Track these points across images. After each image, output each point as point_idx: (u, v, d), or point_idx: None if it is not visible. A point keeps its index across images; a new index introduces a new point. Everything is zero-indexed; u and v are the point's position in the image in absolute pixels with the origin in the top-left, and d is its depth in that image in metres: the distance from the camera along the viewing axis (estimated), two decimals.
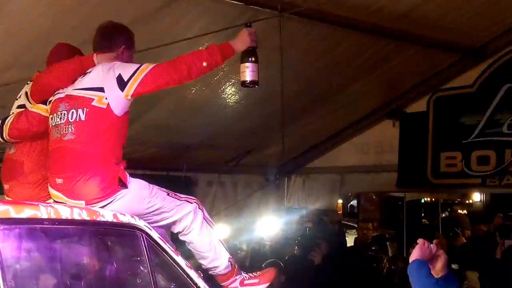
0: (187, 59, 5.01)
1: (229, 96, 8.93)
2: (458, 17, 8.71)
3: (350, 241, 12.62)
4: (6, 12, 6.47)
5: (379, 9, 8.01)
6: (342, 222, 12.12)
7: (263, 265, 8.30)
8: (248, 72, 5.35)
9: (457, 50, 9.63)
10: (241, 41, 5.24)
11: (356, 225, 12.78)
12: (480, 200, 14.15)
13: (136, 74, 4.88)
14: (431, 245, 4.34)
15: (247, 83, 5.40)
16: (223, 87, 8.68)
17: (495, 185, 9.66)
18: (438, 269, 4.27)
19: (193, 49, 7.64)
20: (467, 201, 14.71)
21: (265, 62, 8.11)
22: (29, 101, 5.43)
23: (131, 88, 4.87)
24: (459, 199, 14.65)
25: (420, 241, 4.48)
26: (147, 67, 4.91)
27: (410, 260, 4.23)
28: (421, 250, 4.41)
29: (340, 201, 12.46)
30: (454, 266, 9.25)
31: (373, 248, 10.50)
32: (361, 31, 8.43)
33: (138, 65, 4.95)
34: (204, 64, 4.99)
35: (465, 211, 14.69)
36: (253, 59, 5.34)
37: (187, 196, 5.34)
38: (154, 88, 4.98)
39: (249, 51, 5.30)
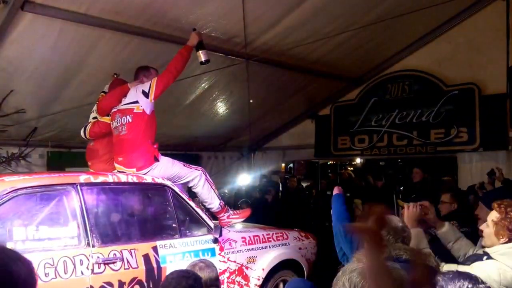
0: (171, 64, 4.94)
1: (219, 108, 8.73)
2: (347, 62, 8.57)
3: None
4: (88, 62, 6.20)
5: (303, 57, 7.84)
6: (285, 176, 11.91)
7: (238, 203, 8.13)
8: (201, 55, 5.23)
9: (346, 80, 9.45)
10: (193, 39, 5.11)
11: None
12: (360, 163, 14.09)
13: (151, 86, 4.82)
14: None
15: (203, 62, 5.28)
16: (216, 103, 8.48)
17: (368, 154, 9.52)
18: None
19: (198, 82, 7.54)
20: (353, 163, 14.62)
21: (239, 90, 7.97)
22: (98, 115, 5.30)
23: (151, 94, 4.81)
24: (348, 162, 14.56)
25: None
26: (154, 80, 4.85)
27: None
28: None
29: (283, 165, 12.28)
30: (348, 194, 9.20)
31: (306, 192, 10.34)
32: (293, 70, 8.22)
33: (150, 81, 4.88)
34: (180, 62, 4.96)
35: (351, 169, 14.64)
36: (202, 47, 5.21)
37: (196, 166, 5.29)
38: (163, 88, 4.86)
39: (199, 43, 5.17)
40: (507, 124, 7.51)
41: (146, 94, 4.79)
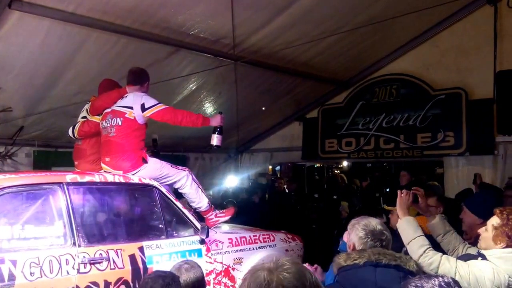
0: (184, 114, 4.96)
1: (207, 109, 8.75)
2: (335, 65, 8.65)
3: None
4: (75, 61, 6.21)
5: (292, 59, 7.91)
6: (272, 178, 11.96)
7: (224, 202, 8.17)
8: (215, 139, 5.22)
9: (333, 83, 9.52)
10: (215, 121, 5.15)
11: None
12: (347, 166, 14.15)
13: (153, 107, 4.81)
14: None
15: (214, 146, 5.25)
16: (204, 104, 8.51)
17: (355, 158, 9.58)
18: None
19: (186, 83, 7.57)
20: (340, 166, 14.67)
21: (228, 91, 8.03)
22: (88, 114, 5.33)
23: (147, 113, 4.81)
24: (335, 165, 14.61)
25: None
26: (160, 106, 4.84)
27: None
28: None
29: (270, 167, 12.31)
30: (335, 197, 9.28)
31: (292, 193, 10.35)
32: (281, 72, 8.27)
33: (157, 102, 4.86)
34: (191, 121, 4.96)
35: (339, 171, 14.67)
36: (219, 132, 5.21)
37: (182, 167, 5.31)
38: (159, 120, 4.89)
39: (218, 127, 5.18)
40: (493, 128, 7.60)
41: (143, 108, 4.78)
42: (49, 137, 7.66)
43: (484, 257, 2.90)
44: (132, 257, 4.17)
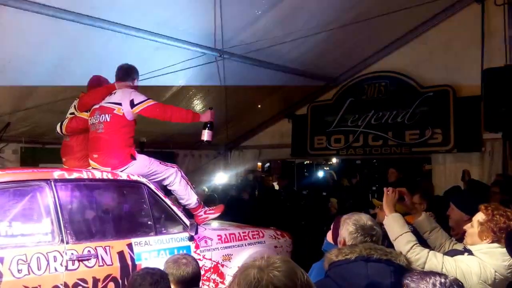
0: (174, 110, 4.96)
1: (196, 106, 8.73)
2: (325, 61, 8.67)
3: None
4: (64, 56, 6.13)
5: (282, 55, 7.88)
6: (261, 176, 11.94)
7: (205, 192, 8.16)
8: (206, 134, 5.18)
9: (323, 79, 9.55)
10: (205, 116, 5.11)
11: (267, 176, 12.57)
12: (336, 163, 14.17)
13: (142, 103, 4.79)
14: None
15: (204, 141, 5.22)
16: (193, 100, 8.48)
17: (344, 154, 9.63)
18: None
19: (175, 80, 7.52)
20: (329, 163, 14.69)
21: (216, 88, 7.97)
22: (76, 111, 5.27)
23: (136, 109, 4.79)
24: (324, 162, 14.62)
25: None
26: (149, 102, 4.81)
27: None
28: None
29: (259, 164, 12.30)
30: (324, 193, 9.30)
31: (281, 190, 10.34)
32: (270, 68, 8.25)
33: (146, 98, 4.83)
34: (180, 116, 4.97)
35: (328, 168, 14.68)
36: (210, 127, 5.18)
37: (171, 164, 5.27)
38: (149, 116, 4.86)
39: (209, 122, 5.15)
40: (481, 126, 7.66)
41: (132, 104, 4.76)
42: (36, 134, 7.59)
43: (470, 253, 2.94)
44: (121, 254, 4.15)
